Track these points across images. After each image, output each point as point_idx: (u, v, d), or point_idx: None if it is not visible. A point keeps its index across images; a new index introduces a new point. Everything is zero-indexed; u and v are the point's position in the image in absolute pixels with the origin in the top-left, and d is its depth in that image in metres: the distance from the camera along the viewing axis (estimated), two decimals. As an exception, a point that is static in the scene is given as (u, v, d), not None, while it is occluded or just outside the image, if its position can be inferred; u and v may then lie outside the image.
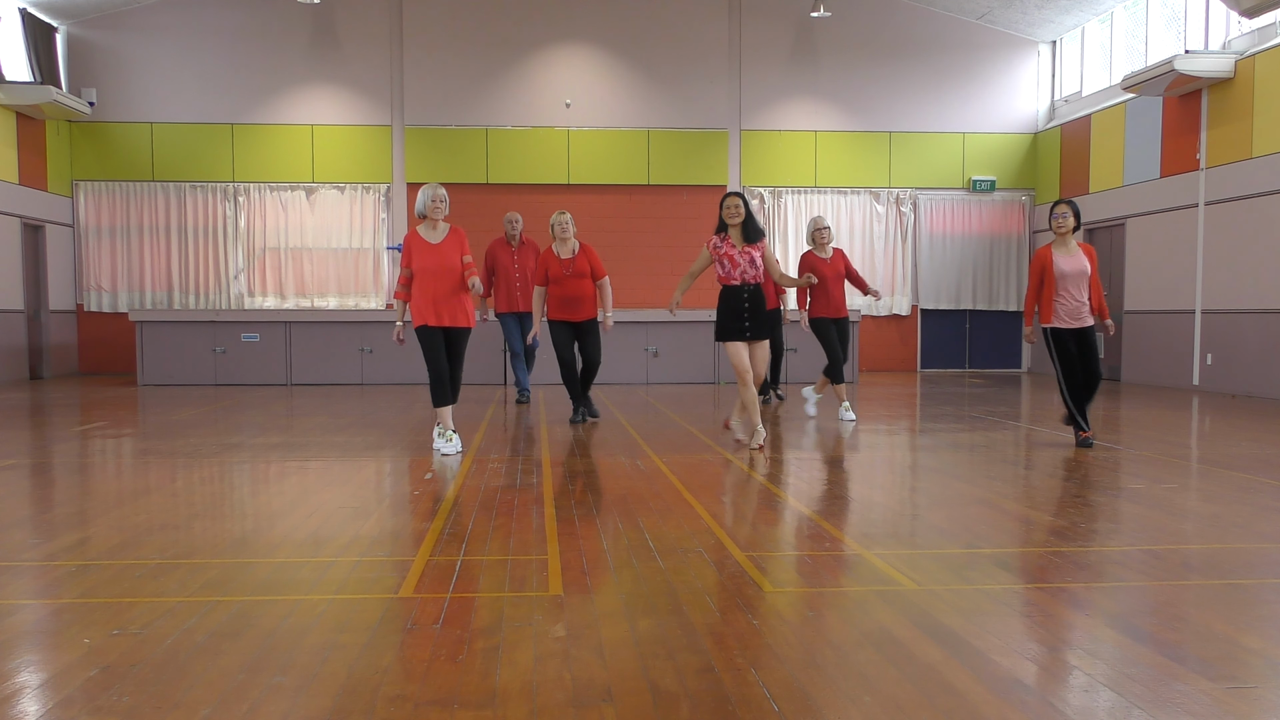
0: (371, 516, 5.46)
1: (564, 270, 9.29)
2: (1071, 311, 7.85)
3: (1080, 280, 7.82)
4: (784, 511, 5.72)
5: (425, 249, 7.49)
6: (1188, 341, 14.07)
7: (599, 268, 9.43)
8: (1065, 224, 7.82)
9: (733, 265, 7.65)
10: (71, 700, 2.85)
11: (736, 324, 7.69)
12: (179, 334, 14.66)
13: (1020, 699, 2.87)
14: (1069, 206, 7.88)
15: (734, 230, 7.68)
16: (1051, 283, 7.83)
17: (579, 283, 9.32)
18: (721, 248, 7.68)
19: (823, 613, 3.69)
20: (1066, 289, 7.82)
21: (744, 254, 7.64)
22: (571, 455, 7.62)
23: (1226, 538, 4.93)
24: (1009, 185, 18.07)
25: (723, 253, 7.67)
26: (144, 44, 16.92)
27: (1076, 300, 7.83)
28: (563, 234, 9.32)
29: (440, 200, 7.51)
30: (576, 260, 9.31)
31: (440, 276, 7.45)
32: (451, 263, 7.48)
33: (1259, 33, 12.98)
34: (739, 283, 7.66)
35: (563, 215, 9.39)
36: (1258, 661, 3.22)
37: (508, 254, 11.36)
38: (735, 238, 7.67)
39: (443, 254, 7.48)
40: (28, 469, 7.16)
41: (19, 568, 4.36)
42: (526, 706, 2.80)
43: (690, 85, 17.43)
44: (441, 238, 7.54)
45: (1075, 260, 7.84)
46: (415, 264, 7.49)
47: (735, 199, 7.69)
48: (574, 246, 9.37)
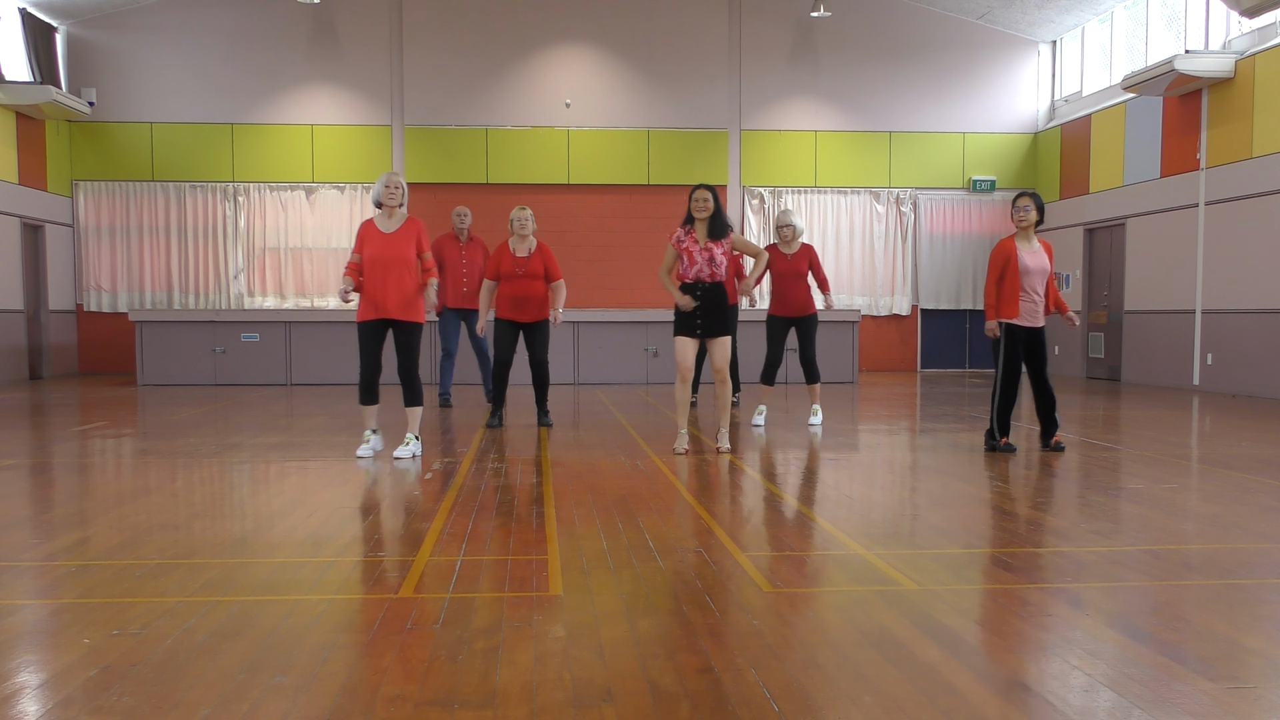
0: (371, 516, 5.46)
1: (516, 269, 8.96)
2: (1030, 310, 7.62)
3: (1041, 278, 7.56)
4: (784, 511, 5.72)
5: (377, 238, 7.17)
6: (1188, 341, 14.07)
7: (554, 270, 9.06)
8: (1028, 218, 7.51)
9: (690, 262, 7.45)
10: (71, 700, 2.85)
11: (688, 319, 7.50)
12: (179, 334, 14.65)
13: (1020, 699, 2.87)
14: (1032, 199, 7.55)
15: (700, 225, 7.46)
16: (1015, 277, 7.52)
17: (531, 283, 8.96)
18: (684, 241, 7.48)
19: (823, 613, 3.69)
20: (1030, 285, 7.56)
21: (704, 251, 7.42)
22: (571, 455, 7.61)
23: (1226, 538, 4.93)
24: (1009, 185, 18.06)
25: (684, 247, 7.47)
26: (144, 44, 16.93)
27: (1036, 298, 7.59)
28: (521, 230, 8.99)
29: (395, 188, 7.20)
30: (531, 260, 8.95)
31: (389, 267, 7.13)
32: (403, 254, 7.15)
33: (1259, 33, 12.98)
34: (693, 280, 7.46)
35: (523, 211, 9.06)
36: (1258, 661, 3.22)
37: (455, 249, 11.04)
38: (700, 233, 7.46)
39: (394, 244, 7.16)
40: (28, 469, 7.16)
41: (19, 568, 4.36)
42: (526, 706, 2.80)
43: (690, 85, 17.43)
44: (395, 227, 7.22)
45: (1038, 257, 7.58)
46: (365, 253, 7.17)
47: (705, 193, 7.43)
48: (531, 245, 9.02)
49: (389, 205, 7.25)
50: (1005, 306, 7.57)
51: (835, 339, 15.20)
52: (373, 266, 7.14)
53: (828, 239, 17.75)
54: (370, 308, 7.19)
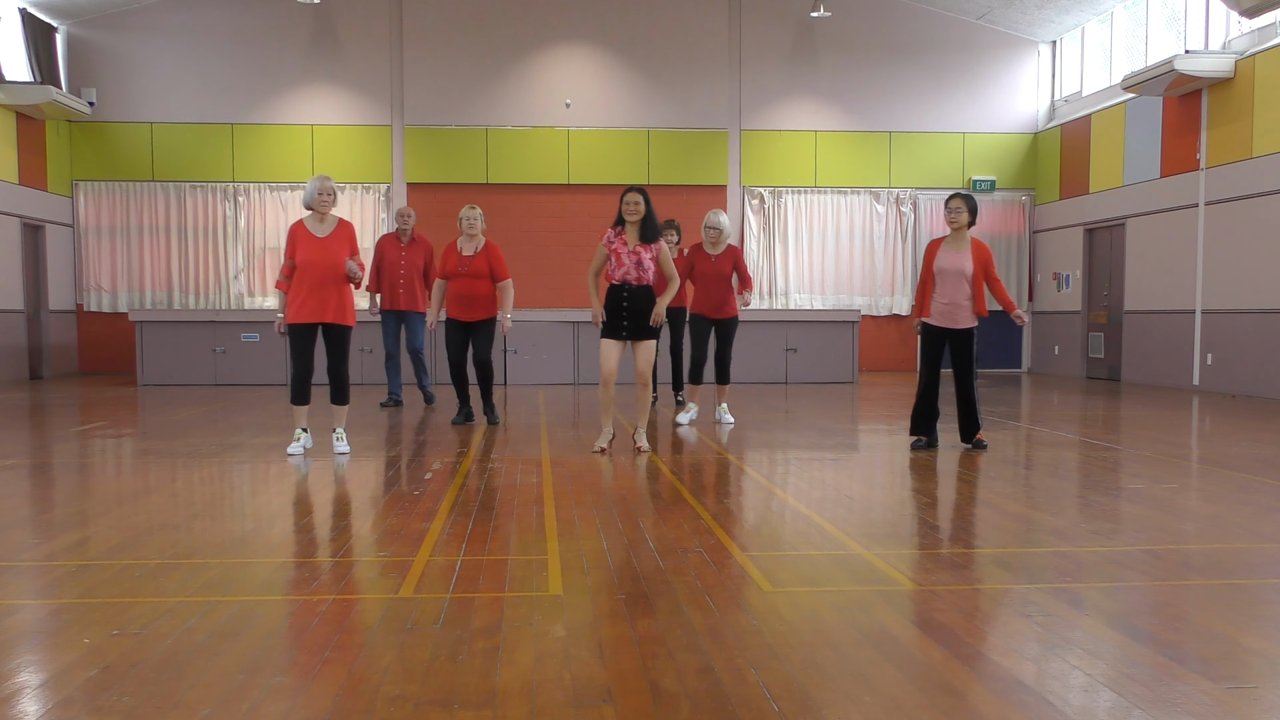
0: (371, 516, 5.46)
1: (460, 267, 9.00)
2: (944, 311, 7.59)
3: (957, 280, 7.51)
4: (784, 511, 5.73)
5: (310, 242, 7.23)
6: (1188, 341, 14.07)
7: (500, 270, 9.05)
8: (959, 219, 7.53)
9: (617, 264, 7.41)
10: (71, 700, 2.85)
11: (614, 322, 7.47)
12: (179, 334, 14.65)
13: (1020, 699, 2.87)
14: (964, 201, 7.57)
15: (630, 228, 7.42)
16: (927, 277, 7.61)
17: (474, 282, 8.99)
18: (614, 243, 7.43)
19: (823, 613, 3.69)
20: (943, 286, 7.54)
21: (632, 254, 7.37)
22: (571, 455, 7.61)
23: (1226, 538, 4.93)
24: (1009, 185, 18.06)
25: (613, 248, 7.42)
26: (144, 44, 16.92)
27: (950, 300, 7.55)
28: (469, 229, 9.03)
29: (328, 193, 7.26)
30: (476, 259, 8.99)
31: (323, 271, 7.20)
32: (335, 257, 7.23)
33: (1259, 33, 12.98)
34: (619, 281, 7.42)
35: (472, 210, 9.10)
36: (1258, 661, 3.22)
37: (395, 250, 10.94)
38: (630, 235, 7.42)
39: (326, 248, 7.22)
40: (28, 469, 7.16)
41: (19, 568, 4.36)
42: (526, 706, 2.80)
43: (690, 85, 17.43)
44: (328, 231, 7.28)
45: (957, 258, 7.54)
46: (299, 257, 7.22)
47: (636, 195, 7.38)
48: (479, 244, 9.06)
49: (320, 210, 7.29)
50: (924, 305, 7.70)
51: (835, 339, 15.21)
52: (305, 269, 7.22)
53: (828, 239, 17.75)
54: (303, 310, 7.25)
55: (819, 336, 15.21)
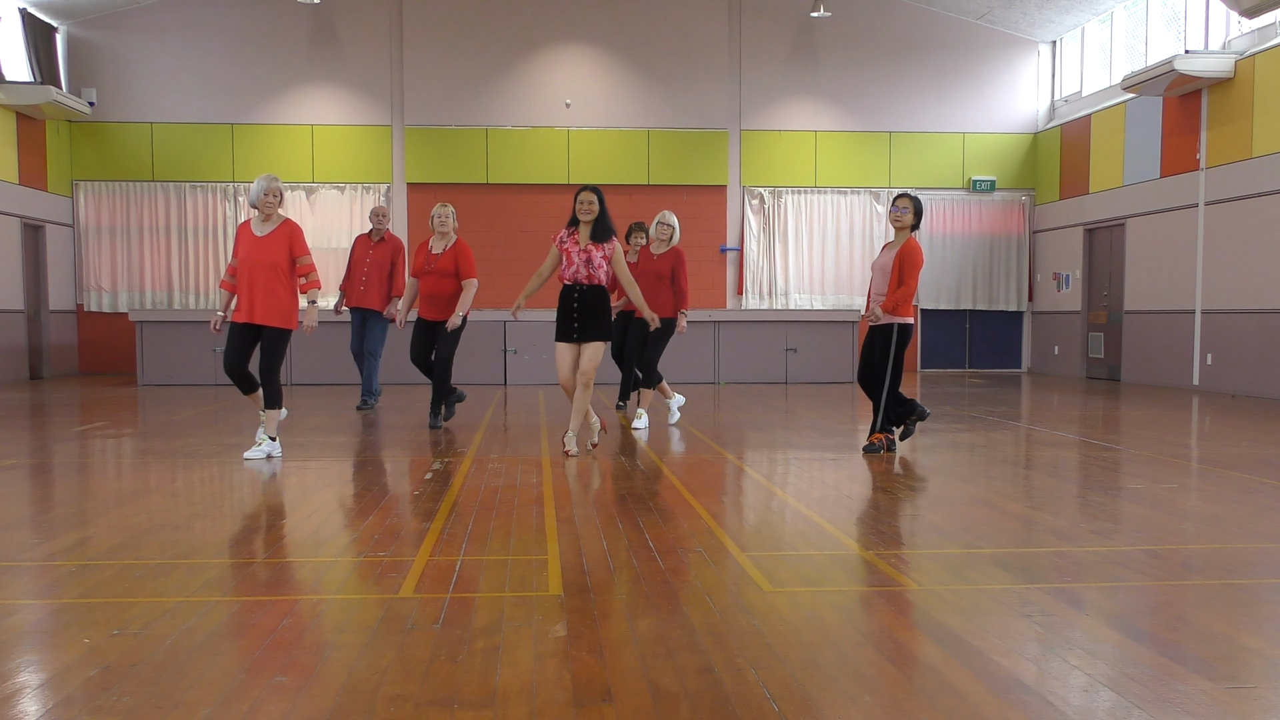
0: (371, 516, 5.46)
1: (426, 265, 8.96)
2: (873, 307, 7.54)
3: (881, 276, 7.47)
4: (784, 511, 5.72)
5: (249, 240, 7.18)
6: (1188, 341, 14.07)
7: (465, 268, 8.94)
8: (903, 220, 7.45)
9: (568, 263, 7.31)
10: (71, 700, 2.85)
11: (565, 324, 7.36)
12: (179, 334, 14.65)
13: (1020, 699, 2.87)
14: (910, 201, 7.50)
15: (584, 227, 7.34)
16: None
17: (442, 280, 8.93)
18: (567, 242, 7.33)
19: (823, 613, 3.69)
20: (874, 284, 7.52)
21: (582, 253, 7.27)
22: (571, 455, 7.61)
23: (1226, 538, 4.93)
24: (1009, 185, 18.06)
25: (565, 247, 7.33)
26: (144, 44, 16.92)
27: (879, 296, 7.49)
28: (441, 228, 8.99)
29: (273, 194, 7.20)
30: (443, 257, 8.93)
31: (256, 269, 7.15)
32: (272, 258, 7.17)
33: (1259, 33, 12.98)
34: (569, 280, 7.33)
35: (444, 208, 9.06)
36: (1258, 661, 3.22)
37: (363, 248, 10.90)
38: (582, 235, 7.33)
39: (264, 247, 7.17)
40: (28, 469, 7.16)
41: (19, 568, 4.36)
42: (526, 706, 2.80)
43: (690, 85, 17.43)
44: (268, 230, 7.24)
45: (884, 256, 7.51)
46: (238, 255, 7.22)
47: (589, 195, 7.27)
48: (449, 243, 9.00)
49: (264, 211, 7.25)
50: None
51: (835, 339, 15.21)
52: (242, 268, 7.20)
53: (828, 239, 17.76)
54: (242, 308, 7.22)
55: (819, 336, 15.22)
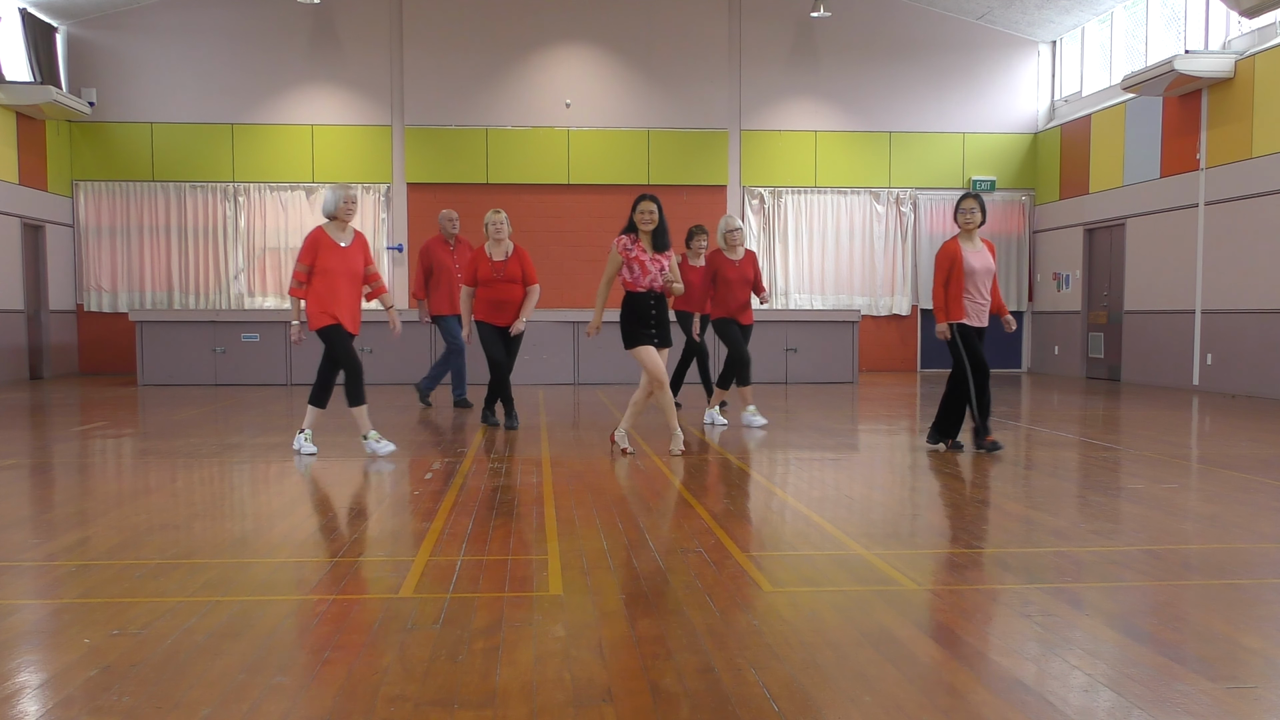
0: (371, 516, 5.46)
1: (494, 273, 8.93)
2: (976, 310, 7.58)
3: (986, 278, 7.55)
4: (784, 511, 5.73)
5: (333, 250, 7.33)
6: (1188, 341, 14.07)
7: (531, 273, 9.05)
8: (973, 219, 7.51)
9: (644, 272, 7.37)
10: (71, 700, 2.85)
11: (645, 330, 7.44)
12: (179, 334, 14.66)
13: (1020, 699, 2.87)
14: (976, 201, 7.57)
15: (644, 236, 7.39)
16: (960, 279, 7.53)
17: (509, 287, 8.96)
18: (633, 251, 7.37)
19: (823, 613, 3.69)
20: (975, 286, 7.53)
21: (655, 261, 7.37)
22: (571, 455, 7.62)
23: (1226, 538, 4.93)
24: (1009, 185, 18.06)
25: (633, 256, 7.36)
26: (144, 44, 16.92)
27: (982, 299, 7.57)
28: (497, 234, 8.97)
29: (351, 202, 7.36)
30: (509, 264, 8.95)
31: (348, 280, 7.35)
32: (357, 267, 7.40)
33: (1259, 33, 12.98)
34: (646, 288, 7.41)
35: (498, 214, 9.04)
36: (1258, 661, 3.22)
37: (446, 253, 10.90)
38: (645, 243, 7.39)
39: (349, 257, 7.37)
40: (28, 469, 7.16)
41: (19, 568, 4.36)
42: (526, 706, 2.80)
43: (690, 85, 17.43)
44: (349, 241, 7.41)
45: (982, 257, 7.56)
46: (319, 263, 7.30)
47: (650, 204, 7.34)
48: (508, 249, 9.02)
49: (344, 219, 7.36)
50: (953, 308, 7.58)
51: (835, 339, 15.21)
52: (329, 277, 7.31)
53: (828, 239, 17.76)
54: (333, 315, 7.32)
55: (819, 336, 15.22)
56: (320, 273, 7.31)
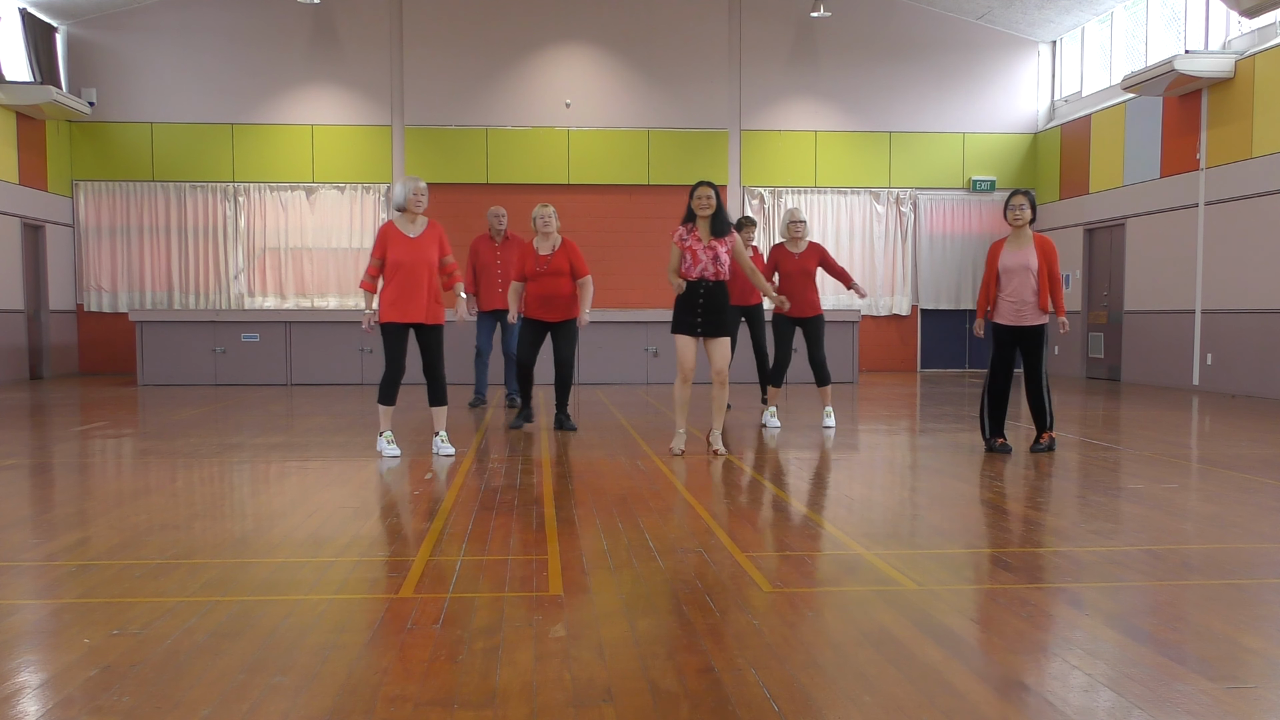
0: (371, 516, 5.46)
1: (540, 267, 8.77)
2: (1012, 309, 7.56)
3: (1025, 277, 7.50)
4: (784, 511, 5.72)
5: (402, 242, 7.30)
6: (1188, 341, 14.07)
7: (581, 266, 8.88)
8: (1022, 216, 7.49)
9: (694, 260, 7.33)
10: (71, 700, 2.85)
11: (688, 318, 7.39)
12: (179, 334, 14.66)
13: (1020, 699, 2.87)
14: (1025, 197, 7.54)
15: (702, 223, 7.35)
16: (994, 277, 7.58)
17: (556, 281, 8.77)
18: (687, 240, 7.35)
19: (823, 613, 3.69)
20: (1010, 284, 7.52)
21: (707, 249, 7.30)
22: (571, 455, 7.61)
23: (1226, 538, 4.93)
24: (1009, 185, 18.05)
25: (686, 245, 7.34)
26: (144, 44, 16.92)
27: (1018, 297, 7.53)
28: (544, 228, 8.85)
29: (421, 193, 7.33)
30: (555, 257, 8.78)
31: (415, 271, 7.27)
32: (428, 258, 7.32)
33: (1259, 33, 12.98)
34: (696, 278, 7.36)
35: (545, 209, 8.91)
36: (1258, 661, 3.22)
37: (490, 250, 10.88)
38: (702, 231, 7.35)
39: (420, 248, 7.30)
40: (28, 469, 7.16)
41: (19, 568, 4.36)
42: (526, 706, 2.80)
43: (690, 85, 17.43)
44: (419, 231, 7.36)
45: (1021, 255, 7.52)
46: (390, 256, 7.29)
47: (707, 189, 7.30)
48: (556, 242, 8.89)
49: (414, 211, 7.35)
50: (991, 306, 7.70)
51: (835, 339, 15.17)
52: (398, 270, 7.29)
53: (828, 239, 17.74)
54: (397, 311, 7.32)
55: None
56: (392, 266, 7.29)
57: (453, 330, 13.79)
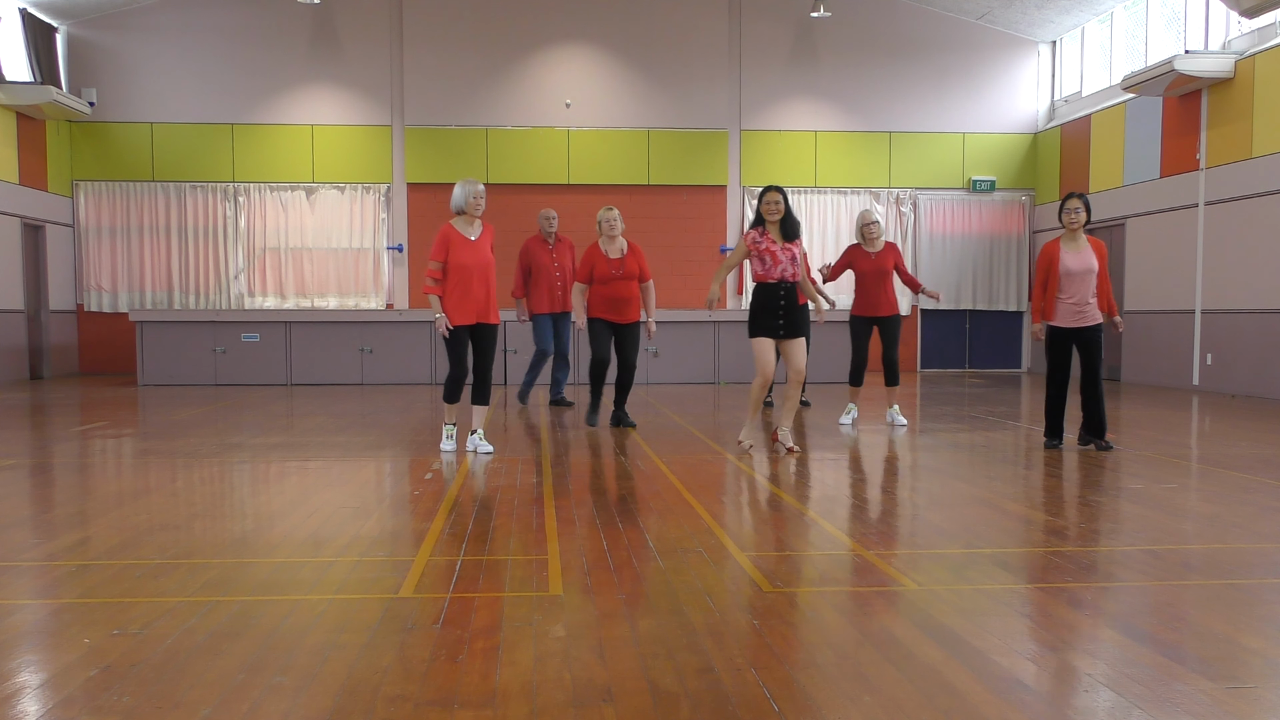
0: (371, 516, 5.45)
1: (614, 271, 8.88)
2: (1073, 312, 7.58)
3: (1087, 278, 7.53)
4: (784, 511, 5.72)
5: (464, 245, 7.35)
6: (1188, 341, 14.06)
7: (646, 269, 9.08)
8: (1078, 219, 7.52)
9: (774, 262, 7.42)
10: (71, 700, 2.85)
11: (770, 321, 7.47)
12: (179, 334, 14.66)
13: (1020, 699, 2.87)
14: (1081, 200, 7.57)
15: (772, 226, 7.46)
16: (1056, 280, 7.56)
17: (627, 285, 8.92)
18: (762, 243, 7.43)
19: (823, 613, 3.69)
20: (1071, 286, 7.54)
21: (785, 250, 7.44)
22: (572, 455, 7.62)
23: (1226, 538, 4.93)
24: (1009, 185, 18.06)
25: (763, 248, 7.42)
26: (144, 44, 16.92)
27: (1081, 299, 7.55)
28: (610, 231, 8.94)
29: (480, 196, 7.39)
30: (627, 261, 8.95)
31: (478, 273, 7.37)
32: (487, 259, 7.44)
33: (1259, 33, 12.98)
34: (777, 279, 7.46)
35: (610, 211, 9.01)
36: (1258, 661, 3.22)
37: (546, 252, 10.85)
38: (774, 234, 7.47)
39: (479, 250, 7.40)
40: (28, 469, 7.16)
41: (19, 568, 4.36)
42: (526, 706, 2.80)
43: (690, 85, 17.43)
44: (478, 234, 7.44)
45: (1083, 258, 7.54)
46: (452, 259, 7.34)
47: (775, 194, 7.44)
48: (623, 246, 9.00)
49: (472, 214, 7.39)
50: (1048, 309, 7.65)
51: (835, 339, 15.18)
52: (461, 273, 7.34)
53: (827, 239, 17.75)
54: (461, 313, 7.37)
55: (819, 336, 15.16)
56: (453, 268, 7.34)
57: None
